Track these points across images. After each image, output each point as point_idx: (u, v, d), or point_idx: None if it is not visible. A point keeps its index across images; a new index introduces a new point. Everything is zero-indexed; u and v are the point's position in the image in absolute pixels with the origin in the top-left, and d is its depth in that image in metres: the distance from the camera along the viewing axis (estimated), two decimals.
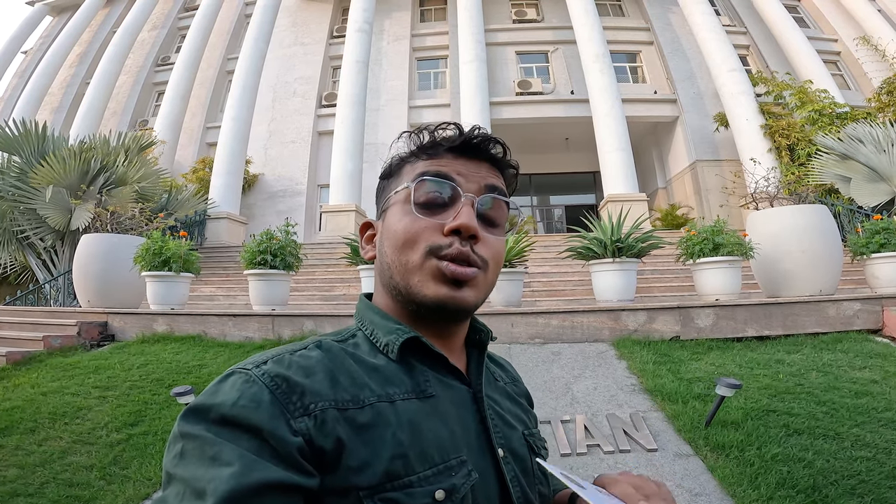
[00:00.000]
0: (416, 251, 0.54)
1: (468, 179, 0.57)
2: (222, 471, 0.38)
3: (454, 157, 0.58)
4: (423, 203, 0.56)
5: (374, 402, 0.48)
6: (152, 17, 18.43)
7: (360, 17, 13.39)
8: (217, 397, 0.44)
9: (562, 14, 14.92)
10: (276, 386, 0.45)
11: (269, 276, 5.45)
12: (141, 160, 9.60)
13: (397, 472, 0.45)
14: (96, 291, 5.75)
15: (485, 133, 0.59)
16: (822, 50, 14.20)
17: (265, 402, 0.43)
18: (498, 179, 0.60)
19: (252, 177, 14.21)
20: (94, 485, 2.32)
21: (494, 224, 0.58)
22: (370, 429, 0.46)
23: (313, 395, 0.45)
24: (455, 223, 0.53)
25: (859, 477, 2.19)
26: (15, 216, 8.63)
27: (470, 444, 0.51)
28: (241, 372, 0.46)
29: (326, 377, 0.48)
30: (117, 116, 16.53)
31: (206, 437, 0.41)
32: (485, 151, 0.59)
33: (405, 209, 0.56)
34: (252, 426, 0.41)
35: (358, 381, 0.49)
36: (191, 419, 0.43)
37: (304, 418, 0.44)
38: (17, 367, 3.94)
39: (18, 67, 19.75)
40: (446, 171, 0.57)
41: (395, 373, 0.52)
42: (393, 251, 0.56)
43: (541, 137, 15.61)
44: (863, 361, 3.53)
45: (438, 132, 0.59)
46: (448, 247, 0.53)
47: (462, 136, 0.58)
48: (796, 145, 10.72)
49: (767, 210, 5.56)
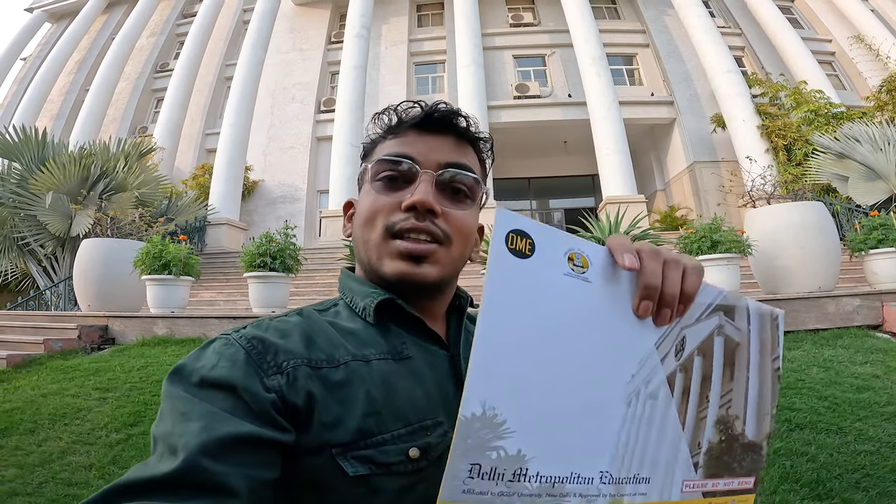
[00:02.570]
0: (375, 229, 0.56)
1: (428, 156, 0.57)
2: (192, 426, 0.39)
3: (418, 135, 0.59)
4: (382, 182, 0.57)
5: (349, 360, 0.49)
6: (150, 23, 18.50)
7: (357, 23, 13.46)
8: (199, 361, 0.45)
9: (558, 18, 14.99)
10: (252, 347, 0.46)
11: (269, 279, 5.45)
12: (141, 166, 9.62)
13: (370, 430, 0.45)
14: (96, 295, 5.75)
15: (447, 108, 0.59)
16: (817, 50, 14.26)
17: (240, 360, 0.45)
18: (462, 154, 0.60)
19: (252, 183, 14.23)
20: (92, 484, 2.32)
21: (460, 199, 0.58)
22: (343, 386, 0.47)
23: (286, 354, 0.47)
24: (410, 200, 0.54)
25: (864, 471, 2.18)
26: (15, 223, 8.62)
27: (447, 406, 0.51)
28: (222, 336, 0.49)
29: (302, 338, 0.49)
30: (117, 123, 16.56)
31: (183, 396, 0.42)
32: (448, 125, 0.59)
33: (369, 188, 0.58)
34: (228, 384, 0.43)
35: (334, 342, 0.50)
36: (173, 381, 0.44)
37: (276, 376, 0.45)
38: (18, 369, 3.94)
39: (18, 74, 19.80)
40: (406, 149, 0.57)
41: (372, 335, 0.53)
42: (359, 228, 0.58)
43: (539, 141, 15.64)
44: (864, 357, 3.52)
45: (404, 109, 0.60)
46: (403, 221, 0.54)
47: (423, 112, 0.58)
48: (793, 145, 10.75)
49: (765, 207, 5.58)
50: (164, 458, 0.38)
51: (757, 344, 0.48)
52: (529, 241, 0.37)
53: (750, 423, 0.47)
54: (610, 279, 0.41)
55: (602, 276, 0.41)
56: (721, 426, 0.46)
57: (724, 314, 0.46)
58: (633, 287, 0.42)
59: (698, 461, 0.44)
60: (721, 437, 0.45)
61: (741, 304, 0.47)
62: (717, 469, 0.45)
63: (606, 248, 0.42)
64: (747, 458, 0.47)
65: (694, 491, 0.44)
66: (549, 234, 0.38)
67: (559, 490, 0.36)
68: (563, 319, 0.38)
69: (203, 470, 0.37)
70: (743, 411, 0.47)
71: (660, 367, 0.43)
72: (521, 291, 0.37)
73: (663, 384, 0.43)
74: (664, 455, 0.42)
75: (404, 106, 0.60)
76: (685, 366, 0.44)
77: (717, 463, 0.45)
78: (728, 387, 0.46)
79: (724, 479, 0.46)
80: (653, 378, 0.42)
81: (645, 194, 13.56)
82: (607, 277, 0.41)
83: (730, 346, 0.47)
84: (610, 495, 0.39)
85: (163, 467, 0.37)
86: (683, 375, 0.44)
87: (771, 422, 0.49)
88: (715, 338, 0.46)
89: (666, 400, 0.43)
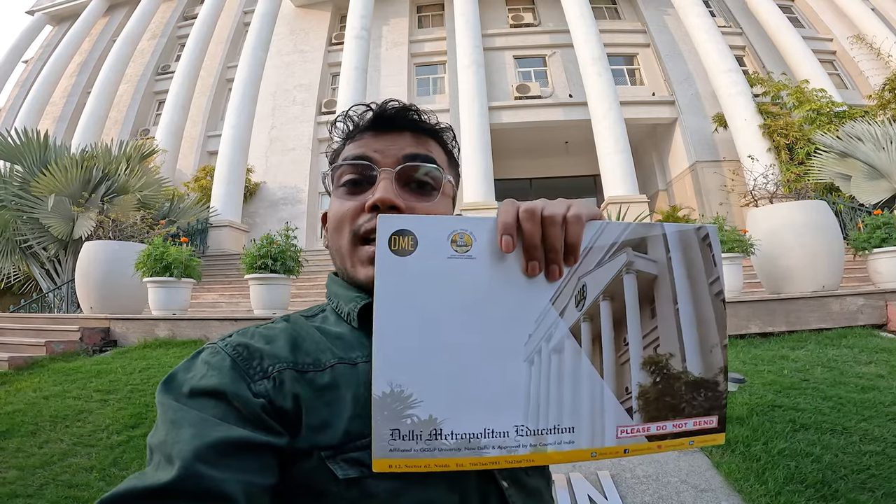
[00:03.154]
0: (343, 235, 0.56)
1: (385, 154, 0.57)
2: (184, 433, 0.40)
3: (374, 135, 0.58)
4: (345, 187, 0.57)
5: (335, 363, 0.49)
6: (151, 26, 18.53)
7: (357, 24, 13.46)
8: (188, 372, 0.46)
9: (558, 18, 14.99)
10: (238, 353, 0.47)
11: (270, 281, 5.45)
12: (142, 169, 9.63)
13: (358, 432, 0.45)
14: (98, 298, 5.76)
15: (397, 104, 0.59)
16: (818, 49, 14.23)
17: (226, 367, 0.46)
18: (421, 146, 0.59)
19: (254, 185, 14.25)
20: (93, 486, 2.31)
21: (426, 192, 0.58)
22: (330, 389, 0.47)
23: (272, 359, 0.47)
24: (372, 199, 0.53)
25: (869, 471, 2.16)
26: (18, 225, 8.63)
27: None
28: (209, 346, 0.50)
29: (287, 343, 0.50)
30: (118, 125, 16.60)
31: (174, 405, 0.43)
32: (402, 121, 0.59)
33: (334, 196, 0.59)
34: (217, 391, 0.43)
35: (321, 346, 0.51)
36: (165, 391, 0.45)
37: (263, 381, 0.46)
38: (20, 371, 3.95)
39: (19, 77, 19.86)
40: (363, 151, 0.57)
41: (357, 339, 0.53)
42: (331, 237, 0.58)
43: (540, 141, 15.63)
44: (868, 356, 3.51)
45: (357, 114, 0.60)
46: (366, 223, 0.54)
47: (375, 112, 0.58)
48: (795, 144, 10.73)
49: (767, 207, 5.56)
50: (161, 466, 0.39)
51: (682, 271, 0.46)
52: (412, 237, 0.41)
53: (691, 358, 0.45)
54: (496, 248, 0.43)
55: (487, 248, 0.43)
56: (651, 367, 0.44)
57: (635, 249, 0.45)
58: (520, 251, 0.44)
59: (631, 406, 0.44)
60: (655, 379, 0.44)
61: (654, 233, 0.46)
62: (659, 411, 0.45)
63: (493, 220, 0.43)
64: (699, 397, 0.45)
65: (634, 436, 0.44)
66: (430, 225, 0.42)
67: (476, 444, 0.41)
68: (451, 299, 0.42)
69: (200, 477, 0.37)
70: (678, 347, 0.45)
71: (560, 322, 0.44)
72: (407, 285, 0.41)
73: (567, 337, 0.44)
74: (585, 404, 0.44)
75: (358, 110, 0.60)
76: (590, 314, 0.44)
77: (656, 405, 0.44)
78: (651, 325, 0.45)
79: (673, 422, 0.45)
80: (553, 333, 0.43)
81: (647, 194, 13.54)
82: (493, 247, 0.43)
83: (645, 282, 0.45)
84: (531, 445, 0.42)
85: (160, 476, 0.38)
86: (590, 325, 0.44)
87: (722, 353, 0.46)
88: (624, 276, 0.45)
89: (573, 352, 0.44)
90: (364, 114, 0.59)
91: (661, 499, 2.22)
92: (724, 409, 0.47)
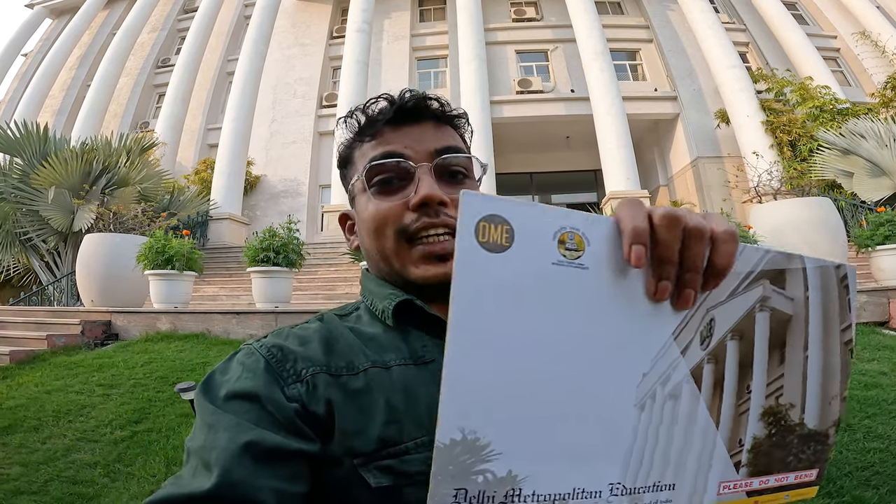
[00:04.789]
0: (387, 237, 0.53)
1: (416, 148, 0.55)
2: (220, 438, 0.40)
3: (395, 129, 0.56)
4: (380, 187, 0.54)
5: (368, 367, 0.48)
6: (151, 19, 18.43)
7: (359, 18, 13.40)
8: (225, 374, 0.46)
9: (561, 13, 14.91)
10: (272, 356, 0.47)
11: (272, 274, 5.44)
12: (143, 161, 9.60)
13: (392, 439, 0.44)
14: (99, 291, 5.75)
15: (417, 94, 0.57)
16: (822, 46, 14.17)
17: (261, 370, 0.45)
18: (447, 136, 0.58)
19: (254, 178, 14.23)
20: (97, 482, 2.31)
21: (460, 181, 0.56)
22: (364, 394, 0.46)
23: (305, 362, 0.47)
24: (418, 197, 0.51)
25: (874, 468, 2.18)
26: (18, 218, 8.61)
27: None
28: (245, 346, 0.49)
29: (321, 345, 0.49)
30: (118, 118, 16.54)
31: (211, 408, 0.43)
32: (424, 112, 0.57)
33: (366, 197, 0.55)
34: (251, 394, 0.43)
35: (354, 349, 0.50)
36: (203, 394, 0.45)
37: (296, 384, 0.45)
38: (22, 366, 3.94)
39: (19, 70, 19.78)
40: (392, 148, 0.55)
41: (391, 339, 0.51)
42: (369, 240, 0.56)
43: (541, 136, 15.60)
44: (871, 354, 3.52)
45: (372, 108, 0.57)
46: (416, 222, 0.52)
47: (394, 105, 0.56)
48: (798, 141, 10.71)
49: (771, 203, 5.56)
50: (199, 472, 0.39)
51: (819, 314, 0.39)
52: (506, 227, 0.31)
53: (811, 410, 0.39)
54: (615, 259, 0.34)
55: (604, 257, 0.34)
56: (769, 418, 0.39)
57: (771, 281, 0.38)
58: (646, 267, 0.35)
59: (740, 460, 0.39)
60: (770, 431, 0.39)
61: (794, 266, 0.38)
62: (767, 465, 0.39)
63: (613, 222, 0.34)
64: (808, 450, 0.40)
65: (735, 492, 0.39)
66: (532, 216, 0.32)
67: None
68: (552, 320, 0.33)
69: (237, 485, 0.37)
70: (801, 398, 0.39)
71: (681, 361, 0.36)
72: (498, 295, 0.31)
73: (686, 380, 0.37)
74: (692, 458, 0.37)
75: (371, 104, 0.58)
76: (715, 354, 0.37)
77: (766, 459, 0.39)
78: (777, 372, 0.39)
79: (776, 476, 0.40)
80: (672, 375, 0.36)
81: (648, 190, 13.54)
82: (611, 257, 0.34)
83: (779, 322, 0.38)
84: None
85: (198, 484, 0.38)
86: (713, 367, 0.37)
87: (841, 405, 0.41)
88: (756, 314, 0.38)
89: (691, 398, 0.37)
90: (375, 107, 0.57)
91: None
92: (826, 463, 0.42)
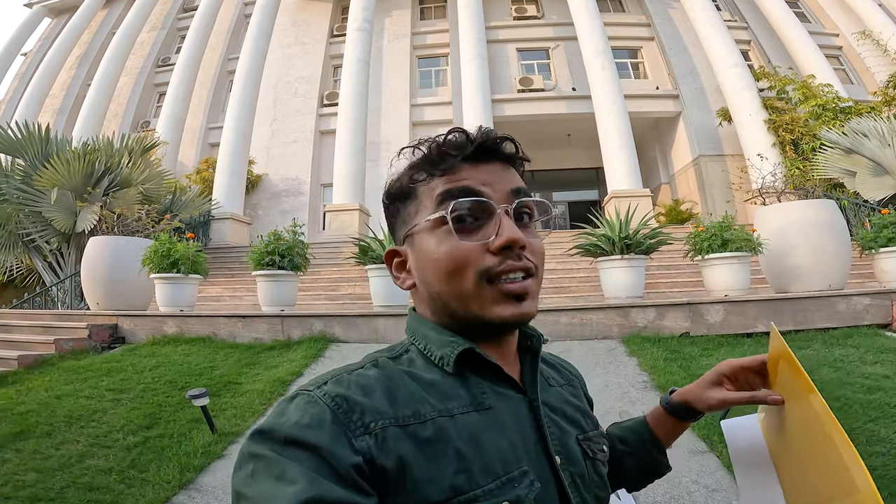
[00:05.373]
0: (467, 277, 0.52)
1: (494, 188, 0.54)
2: (288, 489, 0.39)
3: (471, 166, 0.55)
4: (460, 225, 0.53)
5: (435, 416, 0.48)
6: (151, 17, 18.38)
7: (360, 16, 13.36)
8: (282, 418, 0.45)
9: (562, 10, 14.87)
10: (338, 406, 0.45)
11: (278, 277, 5.46)
12: (145, 161, 9.60)
13: (462, 487, 0.44)
14: (105, 294, 5.77)
15: (495, 133, 0.56)
16: (824, 45, 14.13)
17: (327, 421, 0.44)
18: (517, 178, 0.58)
19: (256, 177, 14.23)
20: (114, 488, 2.33)
21: (527, 224, 0.57)
22: (433, 444, 0.46)
23: (373, 414, 0.46)
24: (502, 239, 0.51)
25: (875, 472, 2.17)
26: (20, 219, 8.62)
27: (529, 453, 0.51)
28: (304, 393, 0.47)
29: (385, 395, 0.48)
30: (119, 118, 16.53)
31: (271, 457, 0.42)
32: (500, 152, 0.57)
33: (441, 234, 0.53)
34: (313, 445, 0.42)
35: (417, 397, 0.49)
36: (258, 440, 0.44)
37: (365, 437, 0.44)
38: (30, 370, 3.96)
39: (19, 70, 19.74)
40: (471, 184, 0.54)
41: (452, 386, 0.52)
42: (440, 280, 0.54)
43: (543, 134, 15.58)
44: (874, 357, 3.51)
45: (444, 141, 0.55)
46: (500, 265, 0.52)
47: (474, 142, 0.55)
48: (800, 140, 10.70)
49: (775, 205, 5.56)
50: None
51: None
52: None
53: None
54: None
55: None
56: None
57: None
58: None
59: None
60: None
61: None
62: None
63: None
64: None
65: None
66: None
67: None
68: None
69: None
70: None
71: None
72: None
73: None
74: None
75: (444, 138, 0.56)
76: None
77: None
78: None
79: None
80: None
81: (650, 187, 13.52)
82: None
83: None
84: None
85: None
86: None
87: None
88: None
89: None
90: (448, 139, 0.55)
91: (672, 499, 2.25)
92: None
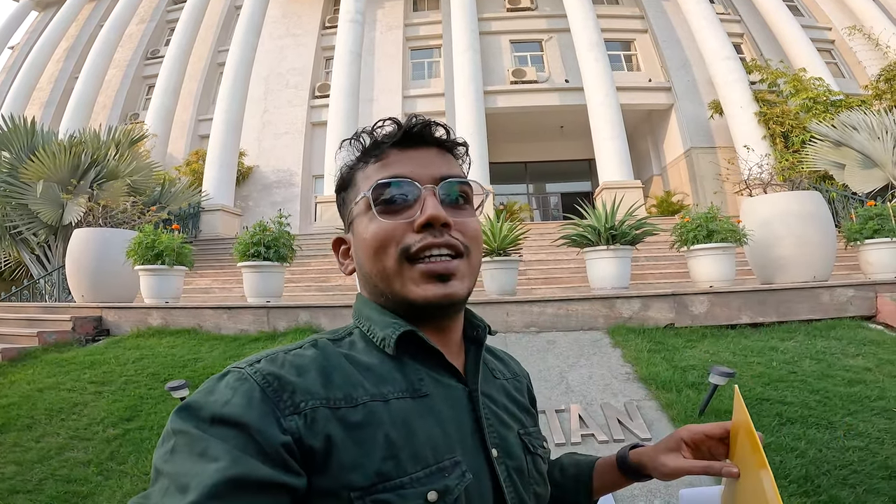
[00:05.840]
0: (389, 256, 0.54)
1: (422, 171, 0.56)
2: (208, 466, 0.38)
3: (401, 152, 0.57)
4: (385, 206, 0.55)
5: (367, 400, 0.48)
6: (140, 10, 18.16)
7: (352, 7, 13.25)
8: (211, 396, 0.44)
9: (555, 2, 14.80)
10: (268, 384, 0.45)
11: (263, 269, 5.42)
12: (132, 154, 9.54)
13: (389, 473, 0.44)
14: (90, 286, 5.72)
15: (424, 120, 0.58)
16: (816, 38, 14.18)
17: (256, 399, 0.43)
18: (450, 163, 0.59)
19: (247, 169, 14.15)
20: (91, 480, 2.32)
21: (462, 206, 0.58)
22: (362, 428, 0.46)
23: (304, 394, 0.45)
24: (423, 217, 0.53)
25: (852, 467, 2.16)
26: (7, 212, 8.56)
27: (464, 443, 0.51)
28: (235, 370, 0.46)
29: (319, 376, 0.48)
30: (107, 110, 16.36)
31: (194, 433, 0.41)
32: (429, 138, 0.58)
33: (369, 217, 0.56)
34: (241, 423, 0.41)
35: (352, 381, 0.49)
36: (183, 416, 0.43)
37: (294, 416, 0.43)
38: (13, 363, 3.92)
39: (6, 63, 19.52)
40: (397, 169, 0.56)
41: (389, 371, 0.51)
42: (368, 260, 0.56)
43: (535, 126, 15.57)
44: (856, 349, 3.51)
45: (378, 131, 0.58)
46: (420, 241, 0.53)
47: (402, 128, 0.57)
48: (790, 132, 10.74)
49: (761, 196, 5.57)
50: (170, 494, 0.38)
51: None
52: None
53: None
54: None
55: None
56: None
57: None
58: None
59: None
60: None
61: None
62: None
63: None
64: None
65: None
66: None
67: None
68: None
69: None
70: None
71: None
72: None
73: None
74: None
75: (377, 127, 0.58)
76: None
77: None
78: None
79: None
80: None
81: (641, 179, 13.55)
82: None
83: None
84: None
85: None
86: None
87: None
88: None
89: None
90: (380, 129, 0.58)
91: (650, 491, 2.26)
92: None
